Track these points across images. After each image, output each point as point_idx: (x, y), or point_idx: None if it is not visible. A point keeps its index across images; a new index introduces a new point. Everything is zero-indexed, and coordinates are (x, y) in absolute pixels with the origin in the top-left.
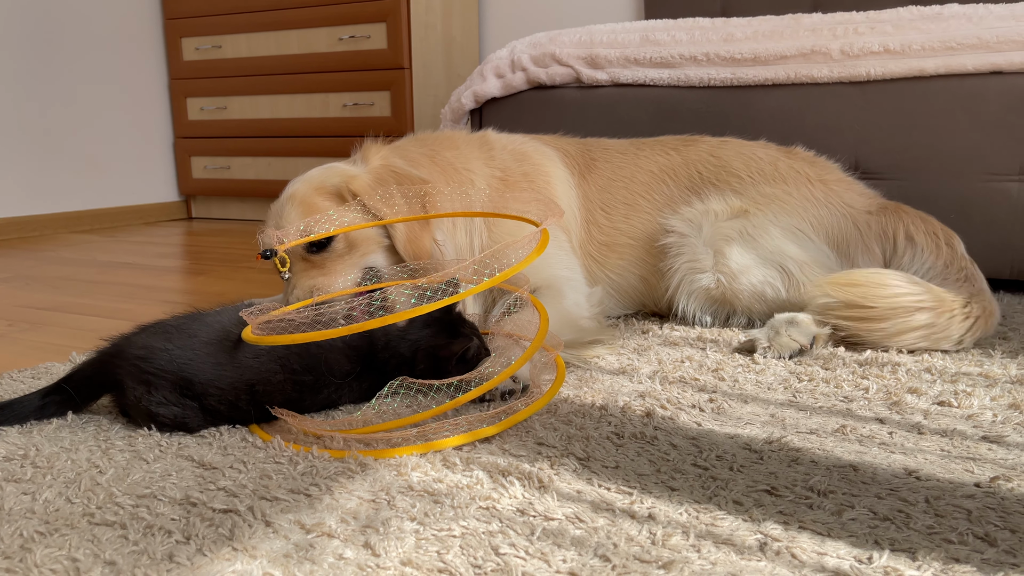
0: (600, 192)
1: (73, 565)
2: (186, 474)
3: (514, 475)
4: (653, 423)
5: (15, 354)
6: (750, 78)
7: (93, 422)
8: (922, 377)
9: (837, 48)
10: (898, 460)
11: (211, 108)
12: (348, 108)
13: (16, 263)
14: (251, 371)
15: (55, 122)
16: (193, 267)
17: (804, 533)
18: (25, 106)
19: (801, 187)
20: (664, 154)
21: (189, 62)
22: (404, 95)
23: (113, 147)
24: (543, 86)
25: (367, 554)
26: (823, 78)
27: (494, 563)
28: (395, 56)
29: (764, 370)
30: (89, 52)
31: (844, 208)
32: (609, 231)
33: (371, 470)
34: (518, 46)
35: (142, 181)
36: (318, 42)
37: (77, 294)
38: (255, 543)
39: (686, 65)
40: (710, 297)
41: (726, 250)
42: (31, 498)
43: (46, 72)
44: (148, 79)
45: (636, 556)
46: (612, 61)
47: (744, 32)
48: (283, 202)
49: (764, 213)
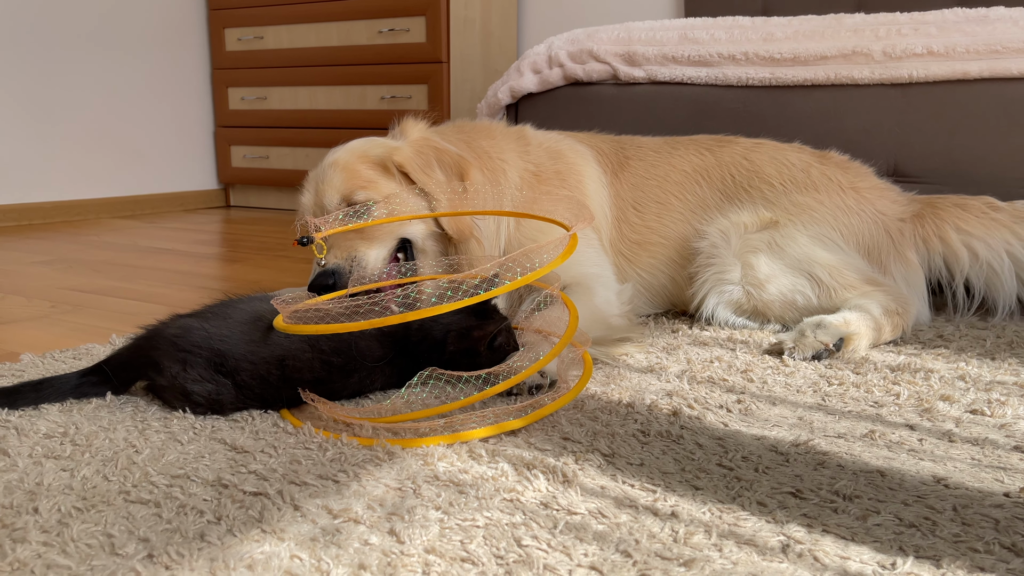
0: (633, 190)
1: (108, 541)
2: (218, 456)
3: (539, 468)
4: (680, 422)
5: (57, 335)
6: (789, 78)
7: (131, 403)
8: (955, 384)
9: (879, 49)
10: (927, 467)
11: (251, 98)
12: (385, 101)
13: (60, 246)
14: (281, 347)
15: (101, 110)
16: (230, 255)
17: (827, 537)
18: (73, 94)
19: (833, 195)
20: (698, 154)
21: (231, 52)
22: (441, 89)
23: (156, 135)
24: (580, 83)
25: (392, 540)
26: (864, 79)
27: (516, 554)
28: (433, 50)
29: (793, 372)
30: (136, 42)
31: (876, 216)
32: (641, 230)
33: (398, 459)
34: (556, 42)
35: (183, 169)
36: (358, 34)
37: (118, 278)
38: (283, 526)
39: (724, 64)
40: (740, 309)
41: (753, 261)
42: (69, 475)
43: (93, 62)
44: (191, 69)
45: (658, 553)
46: (650, 59)
47: (784, 32)
48: (325, 168)
49: (793, 223)
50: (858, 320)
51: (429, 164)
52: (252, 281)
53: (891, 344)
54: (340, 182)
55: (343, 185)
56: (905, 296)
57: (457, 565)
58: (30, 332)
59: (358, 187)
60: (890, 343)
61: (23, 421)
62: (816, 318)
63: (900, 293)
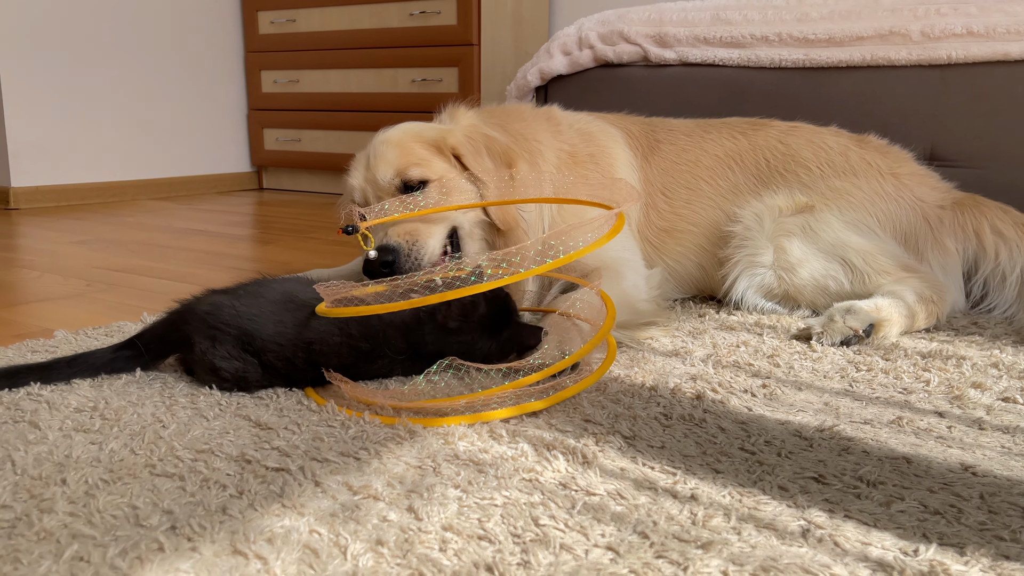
0: (662, 175)
1: (133, 512)
2: (243, 433)
3: (559, 449)
4: (703, 406)
5: (92, 312)
6: (823, 60)
7: (159, 380)
8: (988, 372)
9: (917, 29)
10: (955, 455)
11: (284, 81)
12: (416, 84)
13: (97, 226)
14: (310, 330)
15: (138, 94)
16: (262, 236)
17: (849, 522)
18: (110, 78)
19: (871, 180)
20: (731, 138)
21: (264, 35)
22: (472, 71)
23: (191, 118)
24: (610, 64)
25: (410, 517)
26: (901, 60)
27: (533, 533)
28: (464, 32)
29: (821, 358)
30: (171, 26)
31: (915, 203)
32: (669, 216)
33: (419, 437)
34: (586, 23)
35: (217, 152)
36: (389, 17)
37: (151, 258)
38: (304, 501)
39: (757, 45)
40: (771, 293)
41: (786, 245)
42: (98, 448)
43: (130, 45)
44: (226, 53)
45: (675, 535)
46: (681, 40)
47: (820, 12)
48: (377, 145)
49: (829, 208)
50: (890, 306)
51: (480, 151)
52: (282, 262)
53: (924, 331)
54: (394, 158)
55: (397, 161)
56: (941, 283)
57: (474, 543)
58: (65, 310)
59: (412, 163)
60: (923, 331)
61: (55, 395)
62: (846, 303)
63: (935, 280)
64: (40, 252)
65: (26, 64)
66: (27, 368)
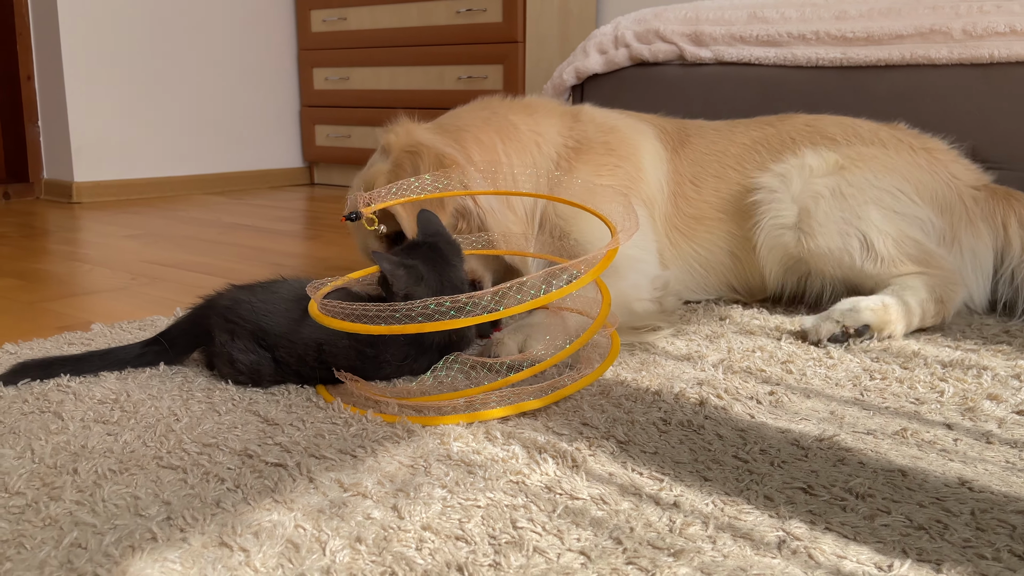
0: (691, 165)
1: (134, 502)
2: (250, 428)
3: (549, 452)
4: (704, 412)
5: (132, 306)
6: (861, 58)
7: (181, 374)
8: (1008, 384)
9: (959, 27)
10: (955, 469)
11: (335, 78)
12: (462, 81)
13: (150, 221)
14: (321, 331)
15: (195, 92)
16: (306, 232)
17: (829, 535)
18: (168, 77)
19: (903, 152)
20: (758, 128)
21: (316, 33)
22: (517, 69)
23: (245, 115)
24: (645, 63)
25: (393, 516)
26: (942, 59)
27: (509, 535)
28: (509, 30)
29: (836, 365)
30: (227, 24)
31: (950, 179)
32: (698, 204)
33: (417, 437)
34: (623, 22)
35: (270, 147)
36: (437, 15)
37: (197, 252)
38: (294, 496)
39: (794, 44)
40: (789, 255)
41: (812, 208)
42: (113, 439)
43: (187, 45)
44: (279, 50)
45: (650, 542)
46: (717, 38)
47: (859, 9)
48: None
49: (863, 171)
50: (896, 307)
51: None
52: (321, 258)
53: (949, 338)
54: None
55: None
56: (955, 281)
57: (451, 543)
58: (107, 303)
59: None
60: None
61: (82, 387)
62: (850, 302)
63: (949, 278)
64: (94, 245)
65: (88, 65)
66: (60, 360)
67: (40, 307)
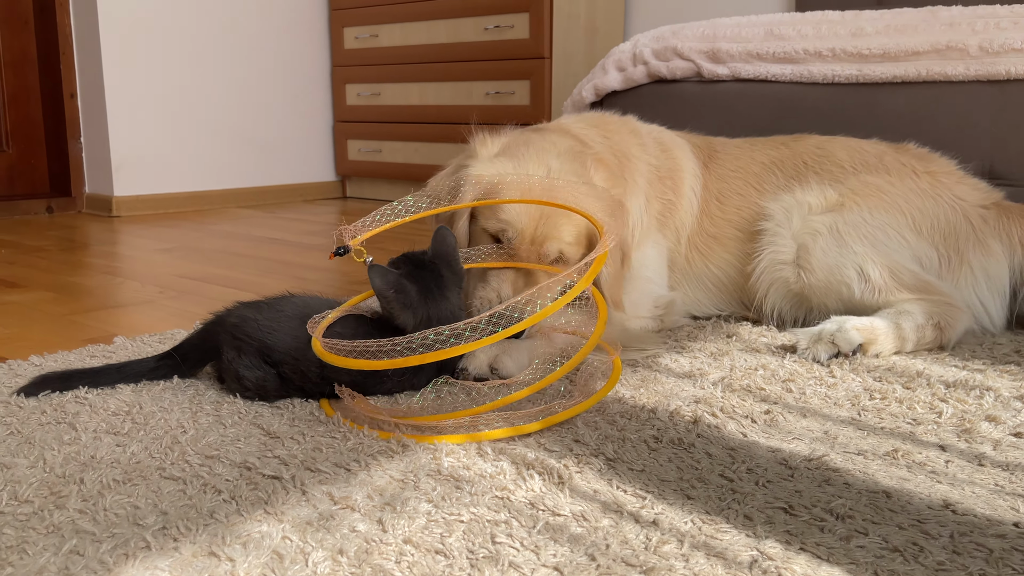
0: (718, 182)
1: (134, 511)
2: (253, 441)
3: (537, 469)
4: (697, 430)
5: (156, 319)
6: (877, 75)
7: (193, 387)
8: (1010, 405)
9: (975, 44)
10: (941, 491)
11: (367, 94)
12: (490, 96)
13: (184, 234)
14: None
15: (230, 107)
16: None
17: (803, 555)
18: (205, 93)
19: (906, 179)
20: (775, 148)
21: (349, 50)
22: (543, 84)
23: (280, 130)
24: (663, 80)
25: (377, 529)
26: (958, 76)
27: (487, 551)
28: (536, 46)
29: (836, 384)
30: (262, 42)
31: (954, 201)
32: (720, 222)
33: (410, 452)
34: (641, 39)
35: (304, 162)
36: (465, 31)
37: (225, 266)
38: (285, 509)
39: (810, 61)
40: (789, 290)
41: (810, 245)
42: (121, 450)
43: (223, 61)
44: (313, 67)
45: (624, 559)
46: (734, 55)
47: (875, 26)
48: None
49: (859, 208)
50: (885, 328)
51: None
52: (344, 272)
53: (957, 357)
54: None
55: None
56: (955, 307)
57: (430, 556)
58: (133, 316)
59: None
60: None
61: (98, 399)
62: (838, 321)
63: (950, 304)
64: (127, 259)
65: (127, 84)
66: (79, 372)
67: (69, 320)
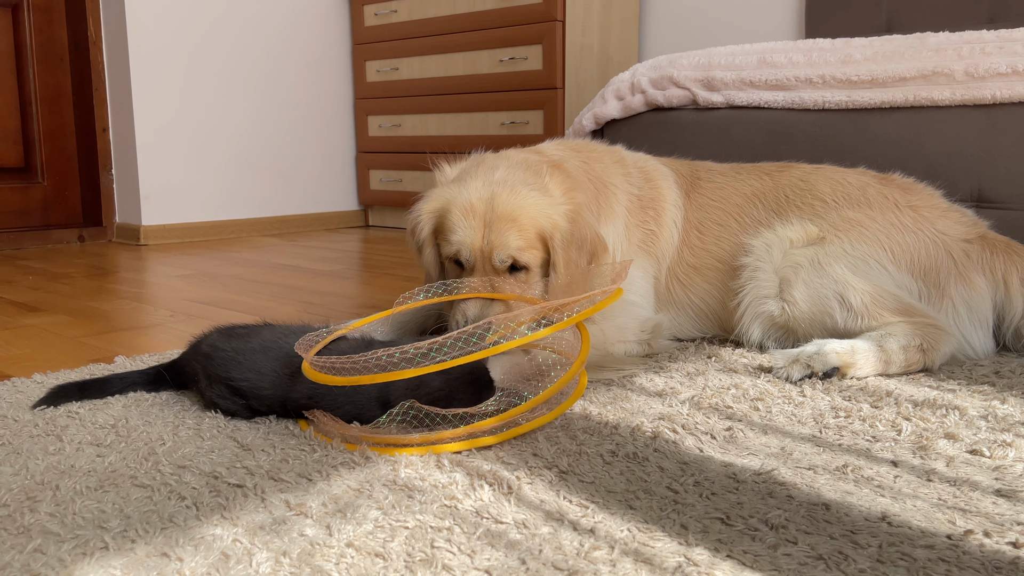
0: (698, 211)
1: (100, 516)
2: (226, 452)
3: (488, 480)
4: (654, 445)
5: (161, 340)
6: (866, 101)
7: (180, 403)
8: (974, 424)
9: (961, 69)
10: (882, 504)
11: (388, 125)
12: (505, 126)
13: (204, 262)
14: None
15: (256, 138)
16: (343, 271)
17: (728, 562)
18: (232, 125)
19: (887, 213)
20: (758, 178)
21: (371, 83)
22: (556, 114)
23: (304, 160)
24: (660, 108)
25: (324, 533)
26: (944, 101)
27: (424, 554)
28: (549, 77)
29: (804, 403)
30: (288, 76)
31: (935, 235)
32: (700, 253)
33: (371, 463)
34: (639, 69)
35: (327, 191)
36: (481, 64)
37: (236, 291)
38: (241, 515)
39: (801, 87)
40: (774, 324)
41: (792, 278)
42: (101, 460)
43: (248, 95)
44: (336, 99)
45: (554, 564)
46: (728, 83)
47: (864, 53)
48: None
49: (840, 241)
50: (864, 350)
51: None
52: (349, 297)
53: (933, 378)
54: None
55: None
56: (940, 331)
57: (369, 559)
58: (139, 337)
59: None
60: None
61: (89, 413)
62: (816, 345)
63: (934, 328)
64: (146, 284)
65: (157, 117)
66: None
67: (79, 341)
